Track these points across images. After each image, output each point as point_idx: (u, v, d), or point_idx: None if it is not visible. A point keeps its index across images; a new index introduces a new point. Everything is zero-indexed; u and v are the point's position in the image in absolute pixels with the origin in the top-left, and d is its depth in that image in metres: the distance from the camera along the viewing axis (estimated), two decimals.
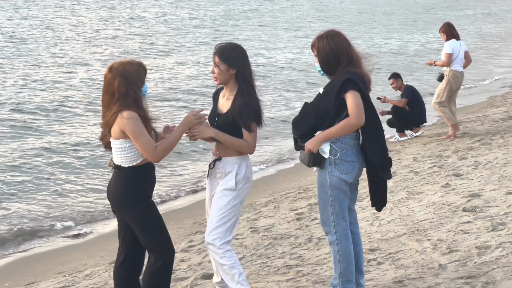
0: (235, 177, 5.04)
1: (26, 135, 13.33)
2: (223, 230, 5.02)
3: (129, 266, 4.99)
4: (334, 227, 5.10)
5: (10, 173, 10.90)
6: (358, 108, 4.89)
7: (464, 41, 12.63)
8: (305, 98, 16.99)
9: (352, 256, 5.16)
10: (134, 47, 26.23)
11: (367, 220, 7.58)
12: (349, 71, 4.97)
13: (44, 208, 9.49)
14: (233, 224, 5.08)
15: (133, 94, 4.69)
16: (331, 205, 5.08)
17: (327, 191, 5.06)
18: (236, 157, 5.07)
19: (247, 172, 5.10)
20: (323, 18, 39.53)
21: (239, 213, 5.15)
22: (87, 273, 6.86)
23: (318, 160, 5.03)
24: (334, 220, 5.09)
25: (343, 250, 5.12)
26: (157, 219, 4.90)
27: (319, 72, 5.14)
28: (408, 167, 10.10)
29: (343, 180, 5.04)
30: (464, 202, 7.82)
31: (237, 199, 5.06)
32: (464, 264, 5.96)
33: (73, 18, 34.86)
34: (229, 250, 5.04)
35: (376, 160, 5.05)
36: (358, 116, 4.90)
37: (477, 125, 13.02)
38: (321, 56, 5.05)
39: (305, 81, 20.63)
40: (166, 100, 17.26)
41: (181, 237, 7.80)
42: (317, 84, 19.52)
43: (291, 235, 7.32)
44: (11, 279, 7.19)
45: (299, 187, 9.66)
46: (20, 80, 18.76)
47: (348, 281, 5.15)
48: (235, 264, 5.03)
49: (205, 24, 35.49)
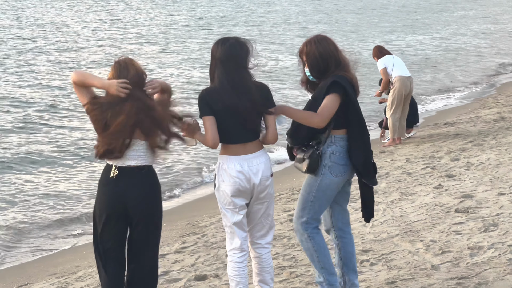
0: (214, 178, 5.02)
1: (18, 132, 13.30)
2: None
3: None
4: (305, 225, 5.10)
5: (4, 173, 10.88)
6: (327, 112, 4.90)
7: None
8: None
9: (327, 249, 5.17)
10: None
11: (360, 221, 7.59)
12: (337, 75, 4.98)
13: (37, 209, 9.47)
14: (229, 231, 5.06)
15: None
16: (310, 205, 5.09)
17: (312, 191, 5.08)
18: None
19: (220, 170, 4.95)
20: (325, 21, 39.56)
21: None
22: (80, 274, 6.85)
23: (313, 168, 5.04)
24: (307, 220, 5.10)
25: (318, 245, 5.11)
26: None
27: (309, 77, 5.15)
28: (401, 168, 10.12)
29: (333, 183, 5.06)
30: (457, 203, 7.85)
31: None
32: (456, 265, 5.98)
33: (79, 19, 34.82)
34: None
35: (359, 165, 5.06)
36: (322, 119, 4.91)
37: (470, 126, 13.06)
38: (310, 61, 5.05)
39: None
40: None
41: (174, 238, 7.80)
42: None
43: (284, 236, 7.33)
44: (4, 281, 7.17)
45: (292, 188, 9.66)
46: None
47: (331, 274, 5.16)
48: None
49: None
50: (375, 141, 12.85)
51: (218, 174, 4.90)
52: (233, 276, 4.96)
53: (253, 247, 5.09)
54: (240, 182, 4.83)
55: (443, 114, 15.55)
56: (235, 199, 4.87)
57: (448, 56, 26.32)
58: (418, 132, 12.96)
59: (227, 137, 4.83)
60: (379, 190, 8.87)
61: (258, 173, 4.87)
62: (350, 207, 8.20)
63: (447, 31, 35.09)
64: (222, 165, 4.87)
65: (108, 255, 4.79)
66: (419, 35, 33.08)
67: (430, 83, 20.60)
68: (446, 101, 18.14)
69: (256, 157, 4.88)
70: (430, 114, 16.17)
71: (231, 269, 4.96)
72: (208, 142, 4.77)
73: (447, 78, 21.68)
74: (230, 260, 4.98)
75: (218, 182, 4.90)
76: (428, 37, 32.39)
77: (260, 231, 5.08)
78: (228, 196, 4.86)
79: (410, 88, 11.89)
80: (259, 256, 5.09)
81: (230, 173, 4.83)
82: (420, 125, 13.37)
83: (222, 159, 4.88)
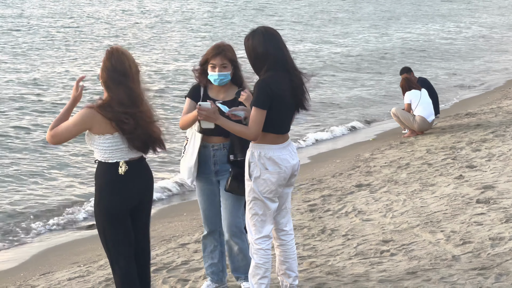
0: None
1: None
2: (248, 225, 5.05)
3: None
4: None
5: (24, 161, 10.98)
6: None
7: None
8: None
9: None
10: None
11: (380, 211, 7.59)
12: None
13: (57, 198, 9.56)
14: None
15: None
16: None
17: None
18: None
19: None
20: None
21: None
22: (101, 263, 6.90)
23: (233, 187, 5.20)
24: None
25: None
26: None
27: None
28: (421, 158, 10.09)
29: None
30: (478, 194, 7.81)
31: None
32: (477, 256, 5.96)
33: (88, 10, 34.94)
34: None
35: None
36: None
37: (491, 116, 12.97)
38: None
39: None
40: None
41: (195, 228, 7.84)
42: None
43: (304, 226, 7.34)
44: (26, 269, 7.25)
45: (312, 179, 9.67)
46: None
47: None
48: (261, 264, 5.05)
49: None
50: (395, 131, 12.83)
51: (259, 163, 4.87)
52: (262, 263, 4.99)
53: (279, 234, 5.13)
54: (286, 170, 4.90)
55: (464, 105, 15.46)
56: (279, 187, 4.93)
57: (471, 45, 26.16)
58: (439, 123, 12.90)
59: (278, 127, 4.88)
60: (400, 181, 8.85)
61: (295, 159, 4.99)
62: (370, 197, 8.20)
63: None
64: (265, 154, 4.86)
65: (123, 253, 4.77)
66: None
67: (451, 75, 20.48)
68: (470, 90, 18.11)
69: (290, 143, 5.01)
70: (451, 104, 16.10)
71: (261, 257, 4.98)
72: (252, 135, 4.79)
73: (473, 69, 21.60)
74: (259, 248, 4.98)
75: (258, 171, 4.87)
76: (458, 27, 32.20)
77: (284, 217, 5.13)
78: (272, 185, 4.89)
79: (428, 128, 12.14)
80: (285, 243, 5.13)
81: (278, 162, 4.87)
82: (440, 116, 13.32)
83: (265, 148, 4.87)
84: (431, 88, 12.72)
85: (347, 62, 22.09)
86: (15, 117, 13.82)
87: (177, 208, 9.26)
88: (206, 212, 5.52)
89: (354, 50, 24.43)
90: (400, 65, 18.91)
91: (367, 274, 5.78)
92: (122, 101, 4.58)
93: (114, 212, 4.72)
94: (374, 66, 21.59)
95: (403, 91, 12.18)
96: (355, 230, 7.02)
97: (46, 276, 6.83)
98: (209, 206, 5.49)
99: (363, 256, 6.25)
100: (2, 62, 19.70)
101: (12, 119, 13.69)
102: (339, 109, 15.83)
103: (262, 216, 4.95)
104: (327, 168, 10.40)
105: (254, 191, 4.90)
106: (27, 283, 6.67)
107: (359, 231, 6.99)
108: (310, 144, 12.83)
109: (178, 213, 8.84)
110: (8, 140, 12.27)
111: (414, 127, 11.98)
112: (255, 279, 5.01)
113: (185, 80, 17.81)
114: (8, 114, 14.05)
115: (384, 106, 16.00)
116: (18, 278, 6.96)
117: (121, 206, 4.72)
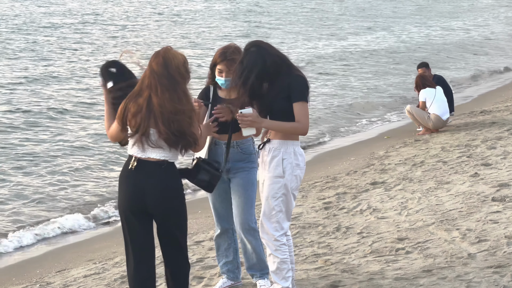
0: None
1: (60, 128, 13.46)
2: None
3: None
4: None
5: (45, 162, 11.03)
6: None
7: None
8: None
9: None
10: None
11: (395, 209, 7.57)
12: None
13: (73, 196, 9.60)
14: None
15: None
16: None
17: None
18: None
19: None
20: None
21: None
22: (117, 260, 6.93)
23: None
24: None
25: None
26: None
27: None
28: (436, 156, 10.05)
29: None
30: (493, 192, 7.78)
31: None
32: (493, 254, 5.94)
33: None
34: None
35: None
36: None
37: (506, 114, 12.90)
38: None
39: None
40: None
41: (209, 225, 7.85)
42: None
43: (319, 224, 7.34)
44: (42, 266, 7.29)
45: (326, 176, 9.65)
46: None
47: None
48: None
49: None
50: (409, 128, 12.78)
51: (292, 159, 4.94)
52: (286, 258, 5.05)
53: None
54: (305, 167, 5.07)
55: (479, 102, 15.38)
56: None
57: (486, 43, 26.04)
58: (453, 121, 12.85)
59: None
60: (414, 179, 8.83)
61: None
62: (385, 195, 8.19)
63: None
64: (298, 150, 4.99)
65: (131, 253, 4.73)
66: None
67: (466, 70, 20.40)
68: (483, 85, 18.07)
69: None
70: (466, 101, 16.02)
71: (284, 252, 5.04)
72: (306, 129, 4.91)
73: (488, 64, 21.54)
74: (282, 243, 5.03)
75: (290, 167, 4.93)
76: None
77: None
78: (300, 181, 5.03)
79: (443, 126, 12.11)
80: (287, 239, 5.22)
81: (304, 158, 5.04)
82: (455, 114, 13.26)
83: (294, 145, 4.98)
84: (446, 86, 12.68)
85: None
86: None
87: (191, 205, 9.22)
88: (219, 210, 5.54)
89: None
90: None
91: (382, 272, 5.78)
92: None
93: (120, 208, 4.72)
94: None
95: (417, 87, 12.17)
96: (370, 228, 7.01)
97: (62, 273, 6.87)
98: (221, 204, 5.51)
99: (378, 254, 6.24)
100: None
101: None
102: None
103: (284, 214, 5.03)
104: (342, 166, 10.39)
105: (286, 187, 4.96)
106: (43, 280, 6.72)
107: (374, 228, 6.99)
108: (325, 142, 12.83)
109: (192, 211, 8.82)
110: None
111: (429, 125, 11.94)
112: (282, 273, 5.05)
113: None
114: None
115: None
116: (34, 275, 7.00)
117: (123, 202, 4.65)
